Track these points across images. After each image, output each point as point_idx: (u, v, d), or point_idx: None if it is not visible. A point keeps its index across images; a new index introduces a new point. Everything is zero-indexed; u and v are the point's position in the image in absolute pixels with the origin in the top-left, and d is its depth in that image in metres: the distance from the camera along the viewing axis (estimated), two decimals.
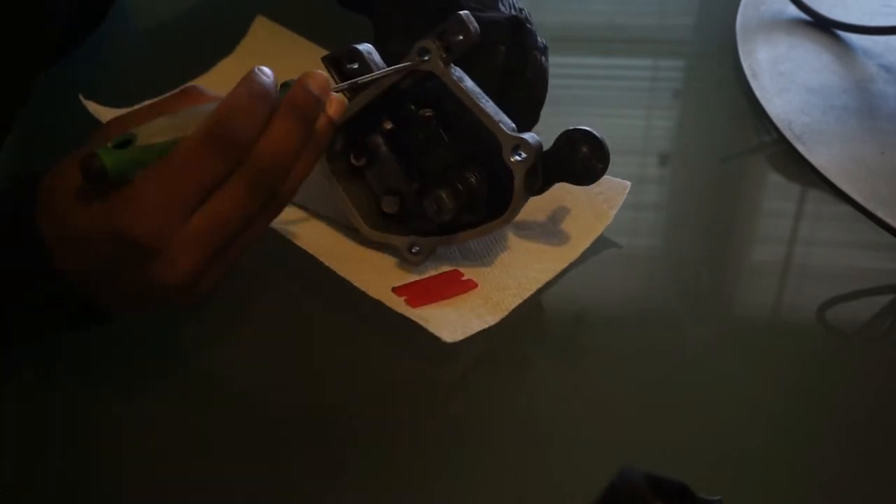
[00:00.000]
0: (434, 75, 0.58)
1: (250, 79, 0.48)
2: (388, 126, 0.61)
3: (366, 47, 0.59)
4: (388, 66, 0.58)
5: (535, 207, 0.65)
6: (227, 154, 0.47)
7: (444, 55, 0.58)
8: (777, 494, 0.50)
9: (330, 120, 0.52)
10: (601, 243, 0.66)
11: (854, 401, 0.56)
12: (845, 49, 0.83)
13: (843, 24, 0.84)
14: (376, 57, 0.59)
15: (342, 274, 0.61)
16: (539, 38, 0.66)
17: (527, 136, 0.58)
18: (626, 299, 0.64)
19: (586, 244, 0.64)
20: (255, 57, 0.66)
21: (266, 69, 0.49)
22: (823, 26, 0.85)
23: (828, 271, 0.66)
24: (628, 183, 0.67)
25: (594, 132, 0.60)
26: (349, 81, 0.57)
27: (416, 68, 0.58)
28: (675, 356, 0.58)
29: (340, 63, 0.59)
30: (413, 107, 0.60)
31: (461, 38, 0.58)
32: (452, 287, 0.61)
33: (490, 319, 0.58)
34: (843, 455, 0.53)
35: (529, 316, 0.61)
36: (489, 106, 0.59)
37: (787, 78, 0.80)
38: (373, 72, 0.58)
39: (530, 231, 0.65)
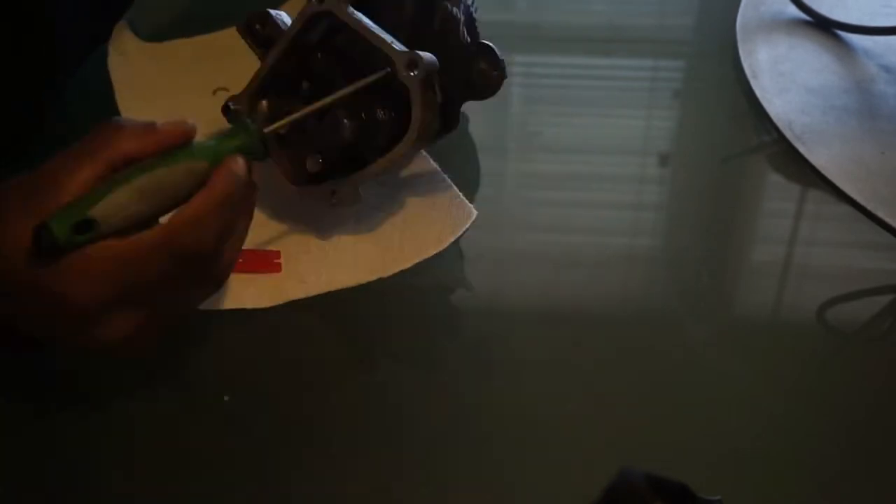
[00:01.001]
0: (336, 20, 0.60)
1: (214, 186, 0.48)
2: (306, 86, 0.62)
3: (275, 11, 0.62)
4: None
5: (382, 215, 0.65)
6: (183, 262, 0.47)
7: None
8: (777, 494, 0.50)
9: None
10: (601, 243, 0.66)
11: (854, 401, 0.56)
12: (845, 49, 0.83)
13: (843, 24, 0.84)
14: (285, 17, 0.62)
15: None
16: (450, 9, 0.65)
17: (422, 53, 0.59)
18: (626, 299, 0.64)
19: (407, 264, 0.63)
20: None
21: (238, 167, 0.49)
22: (824, 26, 0.85)
23: (828, 271, 0.66)
24: (475, 212, 0.65)
25: (491, 45, 0.61)
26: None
27: (315, 11, 0.60)
28: (675, 356, 0.58)
29: (252, 27, 0.63)
30: (320, 55, 0.62)
31: None
32: (257, 263, 0.62)
33: (264, 303, 0.60)
34: (842, 455, 0.53)
35: (529, 316, 0.61)
36: (380, 31, 0.60)
37: (787, 78, 0.80)
38: (281, 31, 0.61)
39: (365, 234, 0.64)
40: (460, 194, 0.67)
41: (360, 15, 0.60)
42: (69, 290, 0.45)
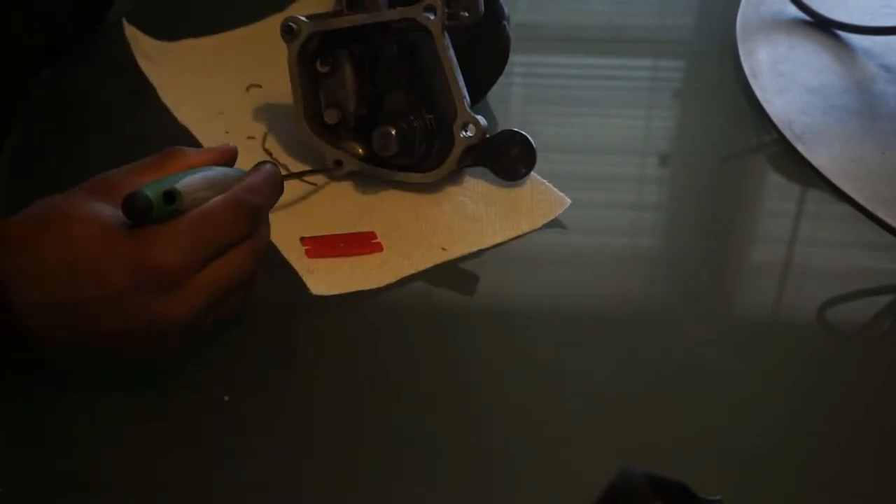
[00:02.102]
0: (426, 31, 0.63)
1: (268, 168, 0.57)
2: (358, 51, 0.67)
3: None
4: (393, 8, 0.64)
5: (476, 191, 0.68)
6: (249, 220, 0.53)
7: (445, 21, 0.63)
8: (777, 494, 0.50)
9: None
10: (601, 243, 0.66)
11: (854, 401, 0.56)
12: (845, 49, 0.83)
13: (843, 24, 0.84)
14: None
15: None
16: (504, 8, 0.71)
17: (479, 118, 0.65)
18: (626, 299, 0.64)
19: (503, 239, 0.65)
20: None
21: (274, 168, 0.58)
22: (823, 26, 0.85)
23: (828, 271, 0.66)
24: (569, 200, 0.67)
25: (530, 139, 0.67)
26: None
27: (415, 19, 0.63)
28: (675, 356, 0.58)
29: None
30: (395, 46, 0.65)
31: (466, 14, 0.64)
32: (358, 246, 0.64)
33: (376, 283, 0.61)
34: (843, 455, 0.53)
35: (529, 316, 0.61)
36: (460, 79, 0.65)
37: (787, 78, 0.80)
38: (379, 7, 0.65)
39: (459, 211, 0.67)
40: (549, 184, 0.69)
41: (449, 46, 0.64)
42: (153, 251, 0.49)
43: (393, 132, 0.65)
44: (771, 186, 0.74)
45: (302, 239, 0.64)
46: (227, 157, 0.58)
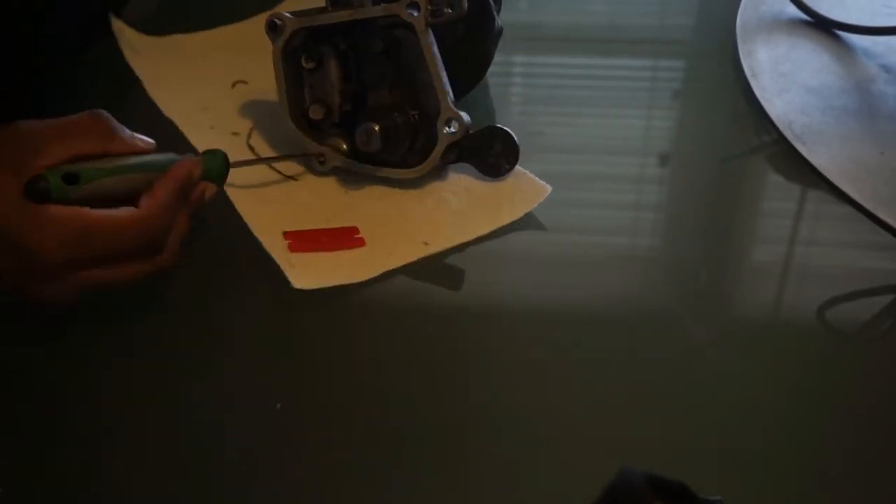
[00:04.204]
0: (410, 27, 0.64)
1: (173, 174, 0.56)
2: (342, 47, 0.67)
3: None
4: (377, 4, 0.65)
5: (460, 185, 0.69)
6: (150, 245, 0.55)
7: (429, 18, 0.63)
8: (777, 494, 0.50)
9: (200, 195, 0.59)
10: (601, 243, 0.66)
11: (854, 401, 0.56)
12: (845, 49, 0.83)
13: (843, 24, 0.84)
14: None
15: (241, 211, 0.66)
16: (497, 22, 0.71)
17: (463, 114, 0.66)
18: (626, 299, 0.64)
19: (484, 231, 0.66)
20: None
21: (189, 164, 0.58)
22: (823, 26, 0.85)
23: (828, 271, 0.66)
24: (549, 188, 0.68)
25: (513, 135, 0.67)
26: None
27: (399, 15, 0.64)
28: (675, 356, 0.58)
29: None
30: (380, 42, 0.66)
31: (450, 10, 0.64)
32: (341, 241, 0.64)
33: (358, 277, 0.62)
34: (843, 455, 0.53)
35: (529, 316, 0.61)
36: (444, 75, 0.65)
37: (787, 78, 0.80)
38: (363, 4, 0.65)
39: (442, 206, 0.68)
40: (530, 174, 0.69)
41: (433, 42, 0.65)
42: (43, 245, 0.50)
43: (376, 128, 0.65)
44: (771, 186, 0.74)
45: (284, 233, 0.64)
46: (133, 152, 0.57)
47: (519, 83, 0.81)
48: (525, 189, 0.68)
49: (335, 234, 0.65)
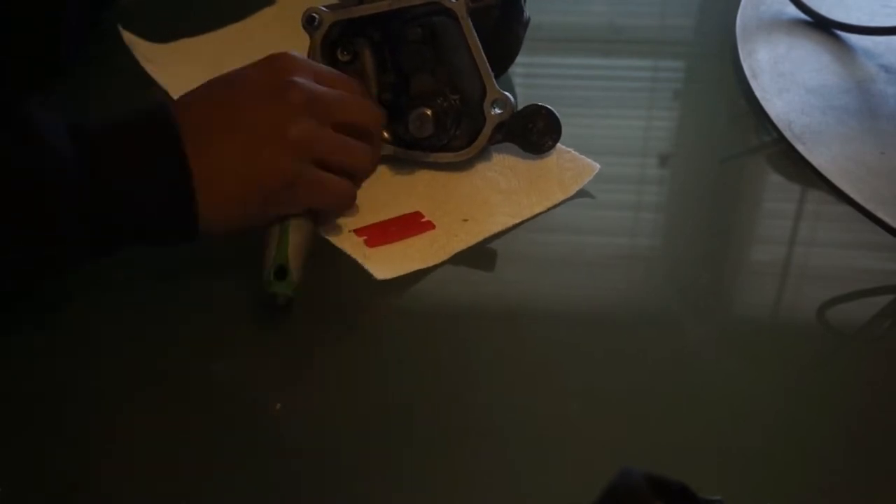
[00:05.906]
0: (450, 13, 0.65)
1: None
2: (376, 37, 0.68)
3: None
4: None
5: (504, 165, 0.70)
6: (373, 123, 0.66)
7: (469, 3, 0.65)
8: (777, 494, 0.50)
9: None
10: (601, 243, 0.66)
11: (854, 401, 0.56)
12: (845, 49, 0.83)
13: (843, 24, 0.84)
14: None
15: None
16: (525, 12, 0.73)
17: (507, 94, 0.67)
18: (626, 299, 0.64)
19: (541, 209, 0.67)
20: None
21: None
22: (823, 26, 0.85)
23: (828, 271, 0.66)
24: (598, 165, 0.70)
25: (555, 112, 0.69)
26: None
27: (439, 2, 0.65)
28: (675, 356, 0.58)
29: None
30: (419, 29, 0.67)
31: None
32: (411, 227, 0.65)
33: (430, 261, 0.63)
34: (843, 455, 0.53)
35: (529, 315, 0.61)
36: (485, 59, 0.66)
37: (787, 78, 0.80)
38: None
39: (493, 186, 0.69)
40: (573, 151, 0.71)
41: (472, 26, 0.66)
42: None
43: (428, 112, 0.66)
44: (771, 186, 0.74)
45: (356, 230, 0.65)
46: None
47: (519, 83, 0.81)
48: (570, 167, 0.70)
49: (403, 222, 0.66)
